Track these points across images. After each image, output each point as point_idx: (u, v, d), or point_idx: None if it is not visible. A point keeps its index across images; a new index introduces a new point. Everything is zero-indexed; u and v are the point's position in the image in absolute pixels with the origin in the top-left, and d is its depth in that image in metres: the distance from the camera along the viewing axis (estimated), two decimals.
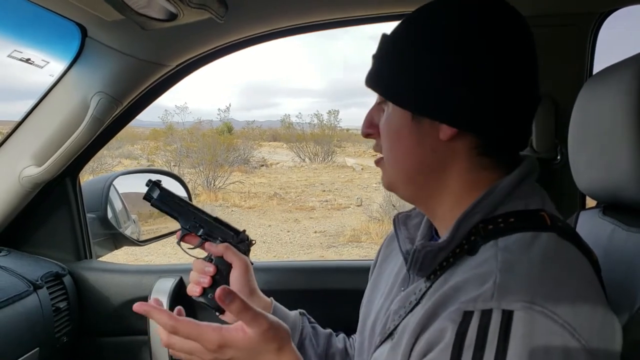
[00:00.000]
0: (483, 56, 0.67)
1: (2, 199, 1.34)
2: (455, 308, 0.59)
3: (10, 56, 1.18)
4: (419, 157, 0.72)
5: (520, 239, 0.64)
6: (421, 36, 0.70)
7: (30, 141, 1.31)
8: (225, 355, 0.73)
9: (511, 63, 0.68)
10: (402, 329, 0.69)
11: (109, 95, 1.25)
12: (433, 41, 0.69)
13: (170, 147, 15.75)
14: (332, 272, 1.50)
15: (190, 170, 12.37)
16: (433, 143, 0.70)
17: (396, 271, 0.86)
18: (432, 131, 0.70)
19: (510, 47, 0.68)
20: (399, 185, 0.77)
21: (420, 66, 0.69)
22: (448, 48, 0.68)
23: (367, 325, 0.86)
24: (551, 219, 0.67)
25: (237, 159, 14.64)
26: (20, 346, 1.18)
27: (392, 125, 0.74)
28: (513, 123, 0.70)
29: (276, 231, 8.82)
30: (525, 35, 0.70)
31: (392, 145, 0.75)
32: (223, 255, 0.98)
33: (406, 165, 0.74)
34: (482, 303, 0.57)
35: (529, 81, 0.70)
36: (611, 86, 0.78)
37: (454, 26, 0.68)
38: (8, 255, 1.38)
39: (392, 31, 0.75)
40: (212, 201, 10.86)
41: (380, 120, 0.76)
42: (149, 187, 1.05)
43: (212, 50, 1.32)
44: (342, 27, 1.34)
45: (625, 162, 0.74)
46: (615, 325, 0.61)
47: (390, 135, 0.75)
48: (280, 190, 12.36)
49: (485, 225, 0.67)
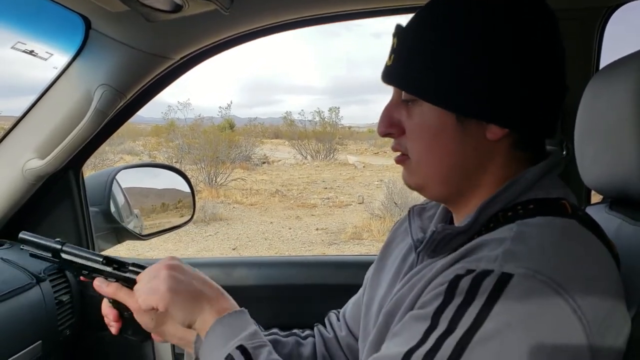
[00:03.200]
0: (528, 51, 0.66)
1: (5, 191, 1.33)
2: (461, 265, 0.61)
3: (14, 48, 1.18)
4: (460, 157, 0.70)
5: (539, 220, 0.64)
6: (459, 32, 0.66)
7: (34, 134, 1.30)
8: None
9: (549, 55, 0.68)
10: (410, 285, 0.71)
11: (113, 87, 1.24)
12: (472, 37, 0.66)
13: (172, 143, 15.76)
14: (332, 267, 1.50)
15: (192, 167, 12.37)
16: (476, 143, 0.69)
17: (401, 257, 0.86)
18: (478, 131, 0.68)
19: (547, 38, 0.68)
20: (431, 185, 0.74)
21: (462, 65, 0.66)
22: (494, 45, 0.65)
23: (373, 309, 0.85)
24: (572, 208, 0.67)
25: (239, 156, 14.64)
26: (23, 339, 1.18)
27: (429, 125, 0.70)
28: (551, 116, 0.71)
29: (278, 228, 8.82)
30: (556, 25, 0.70)
31: (429, 145, 0.71)
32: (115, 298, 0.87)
33: (443, 166, 0.71)
34: (485, 263, 0.59)
35: (562, 72, 0.71)
36: (618, 81, 0.77)
37: (495, 20, 0.66)
38: (11, 248, 1.38)
39: (417, 23, 0.71)
40: (213, 198, 10.86)
41: (406, 119, 0.72)
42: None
43: (216, 42, 1.31)
44: (348, 20, 1.33)
45: (632, 157, 0.73)
46: (623, 321, 0.61)
47: (426, 135, 0.71)
48: (282, 188, 12.36)
49: (504, 213, 0.67)
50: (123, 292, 0.85)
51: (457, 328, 0.56)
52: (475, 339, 0.55)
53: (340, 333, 1.00)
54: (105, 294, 0.87)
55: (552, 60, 0.68)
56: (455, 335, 0.56)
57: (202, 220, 8.92)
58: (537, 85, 0.67)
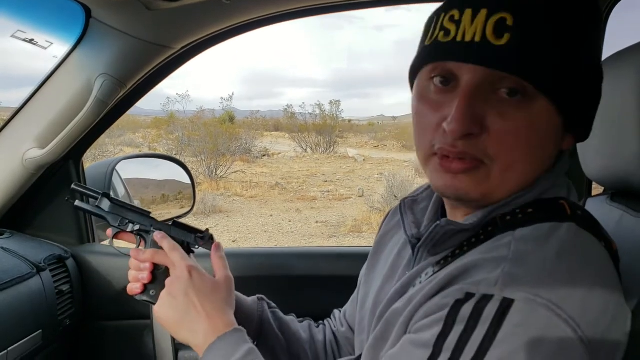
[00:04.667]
0: (601, 47, 0.68)
1: (6, 181, 1.33)
2: (459, 287, 0.59)
3: (14, 36, 1.17)
4: (543, 168, 0.66)
5: (537, 230, 0.62)
6: (592, 28, 0.62)
7: (34, 123, 1.30)
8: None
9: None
10: (405, 302, 0.68)
11: (113, 77, 1.24)
12: (596, 36, 0.64)
13: (172, 135, 15.75)
14: (332, 259, 1.50)
15: (192, 159, 12.36)
16: (556, 151, 0.67)
17: (396, 252, 0.85)
18: (562, 141, 0.67)
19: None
20: (497, 194, 0.65)
21: (589, 64, 0.63)
22: (598, 39, 0.65)
23: (367, 304, 0.85)
24: (571, 208, 0.65)
25: (239, 149, 14.62)
26: (23, 328, 1.18)
27: (539, 127, 0.61)
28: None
29: (278, 221, 8.82)
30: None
31: (531, 150, 0.63)
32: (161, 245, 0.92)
33: (529, 175, 0.65)
34: (485, 287, 0.57)
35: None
36: (620, 72, 0.77)
37: (598, 14, 0.65)
38: (11, 237, 1.38)
39: (550, 4, 0.60)
40: (213, 190, 10.85)
41: (496, 116, 0.61)
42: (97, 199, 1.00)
43: (217, 32, 1.31)
44: (349, 10, 1.32)
45: (634, 149, 0.73)
46: (626, 321, 0.60)
47: (533, 138, 0.62)
48: (282, 180, 12.35)
49: (503, 216, 0.65)
50: (178, 250, 0.90)
51: (462, 357, 0.55)
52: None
53: (340, 328, 1.02)
54: (162, 245, 0.91)
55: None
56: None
57: (202, 212, 8.92)
58: (599, 87, 0.67)
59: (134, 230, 0.97)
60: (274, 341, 0.98)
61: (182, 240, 0.95)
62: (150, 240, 0.94)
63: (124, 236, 0.99)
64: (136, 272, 0.93)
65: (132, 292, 0.93)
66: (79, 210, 1.03)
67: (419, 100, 0.68)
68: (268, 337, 0.98)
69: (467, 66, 0.61)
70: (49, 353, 1.31)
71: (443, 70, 0.64)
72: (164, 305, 0.87)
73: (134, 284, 0.93)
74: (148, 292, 0.92)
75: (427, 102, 0.66)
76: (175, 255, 0.89)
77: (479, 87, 0.61)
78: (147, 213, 0.98)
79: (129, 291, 0.94)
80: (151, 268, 0.92)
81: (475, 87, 0.61)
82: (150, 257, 0.92)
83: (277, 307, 1.05)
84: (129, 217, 0.98)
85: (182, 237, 0.95)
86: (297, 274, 1.46)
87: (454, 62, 0.62)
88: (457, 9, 0.61)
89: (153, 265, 0.92)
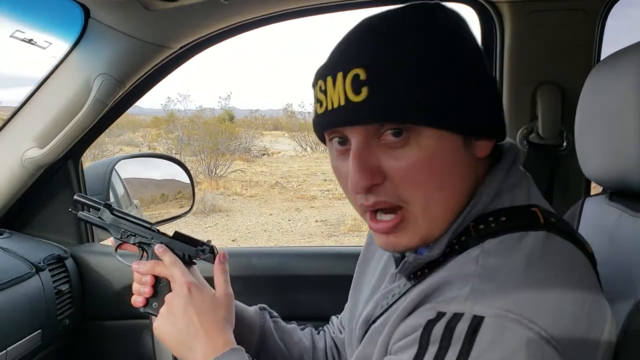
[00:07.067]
0: (473, 55, 0.65)
1: (5, 180, 1.33)
2: (431, 306, 0.60)
3: (13, 36, 1.17)
4: (466, 186, 0.65)
5: (506, 241, 0.61)
6: (444, 47, 0.62)
7: (33, 123, 1.30)
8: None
9: (483, 55, 0.68)
10: (383, 320, 0.69)
11: (112, 77, 1.24)
12: (456, 50, 0.63)
13: (171, 134, 15.73)
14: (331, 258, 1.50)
15: (192, 158, 12.36)
16: (471, 163, 0.65)
17: (383, 264, 0.85)
18: (474, 151, 0.65)
19: (476, 41, 0.68)
20: (435, 231, 0.65)
21: (461, 81, 0.62)
22: (466, 55, 0.64)
23: (356, 315, 0.85)
24: (544, 215, 0.65)
25: (239, 148, 14.61)
26: (22, 327, 1.18)
27: (436, 156, 0.61)
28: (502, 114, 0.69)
29: (277, 220, 8.83)
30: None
31: (439, 180, 0.62)
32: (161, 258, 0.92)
33: (451, 201, 0.64)
34: (455, 305, 0.57)
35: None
36: (620, 72, 0.77)
37: (455, 33, 0.65)
38: (10, 237, 1.38)
39: (389, 48, 0.61)
40: (213, 189, 10.86)
41: (392, 160, 0.61)
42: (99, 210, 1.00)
43: (215, 32, 1.31)
44: (349, 10, 1.32)
45: (633, 148, 0.73)
46: (605, 319, 0.60)
47: (436, 168, 0.61)
48: (281, 179, 12.35)
49: (476, 225, 0.65)
50: (178, 265, 0.90)
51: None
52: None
53: (339, 335, 1.03)
54: (163, 258, 0.91)
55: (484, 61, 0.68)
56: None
57: (201, 211, 8.92)
58: (493, 90, 0.67)
59: (135, 242, 0.97)
60: (276, 351, 0.98)
61: (184, 253, 0.94)
62: (152, 253, 0.94)
63: (128, 247, 0.99)
64: (138, 285, 0.93)
65: (135, 305, 0.94)
66: (81, 221, 1.04)
67: (331, 162, 0.70)
68: (270, 347, 0.98)
69: (346, 128, 0.63)
70: (48, 353, 1.31)
71: (335, 133, 0.66)
72: (163, 322, 0.87)
73: (136, 297, 0.94)
74: (151, 305, 0.93)
75: (336, 164, 0.69)
76: (175, 270, 0.89)
77: (365, 141, 0.62)
78: (148, 225, 0.98)
79: (132, 303, 0.95)
80: (152, 281, 0.92)
81: (362, 143, 0.62)
82: (150, 269, 0.92)
83: (278, 307, 1.05)
84: (130, 229, 0.98)
85: (183, 250, 0.94)
86: (296, 273, 1.46)
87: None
88: (322, 79, 0.64)
89: (155, 278, 0.92)
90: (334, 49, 0.66)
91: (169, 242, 0.95)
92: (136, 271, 0.93)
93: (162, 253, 0.92)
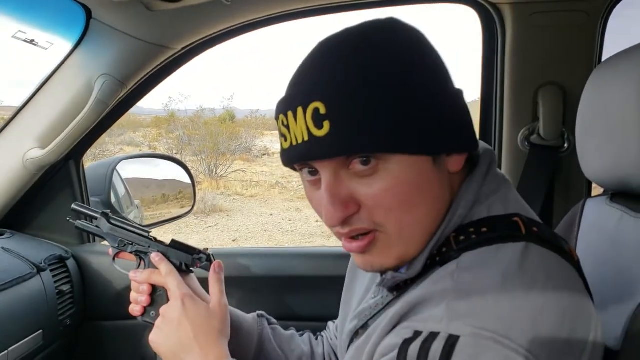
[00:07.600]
0: (433, 72, 0.63)
1: (6, 181, 1.33)
2: (407, 325, 0.59)
3: (15, 37, 1.17)
4: (438, 202, 0.64)
5: (483, 254, 0.60)
6: (396, 68, 0.60)
7: (35, 123, 1.30)
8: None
9: (444, 69, 0.66)
10: (366, 337, 0.69)
11: (114, 77, 1.24)
12: (409, 70, 0.61)
13: (172, 134, 15.72)
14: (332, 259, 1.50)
15: (192, 158, 12.36)
16: (444, 179, 0.65)
17: (370, 275, 0.84)
18: (446, 167, 0.65)
19: (437, 54, 0.66)
20: (412, 249, 0.65)
21: (422, 102, 0.60)
22: (415, 75, 0.61)
23: (345, 326, 0.84)
24: (526, 225, 0.63)
25: (239, 148, 14.60)
26: (23, 328, 1.18)
27: (407, 179, 0.60)
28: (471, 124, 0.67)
29: (278, 220, 8.83)
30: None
31: (411, 202, 0.61)
32: (158, 267, 0.94)
33: (425, 220, 0.63)
34: (431, 324, 0.56)
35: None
36: (621, 72, 0.77)
37: (414, 52, 0.62)
38: (12, 237, 1.38)
39: (343, 80, 0.59)
40: (213, 189, 10.86)
41: (364, 188, 0.61)
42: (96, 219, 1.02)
43: (218, 33, 1.31)
44: (352, 11, 1.32)
45: (634, 149, 0.73)
46: (590, 322, 0.58)
47: (407, 191, 0.61)
48: (282, 179, 12.35)
49: (457, 236, 0.64)
50: (174, 275, 0.91)
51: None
52: None
53: (336, 341, 1.02)
54: (159, 267, 0.92)
55: (446, 71, 0.66)
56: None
57: (202, 211, 8.92)
58: (452, 101, 0.64)
59: (132, 251, 0.98)
60: (274, 358, 0.98)
61: (180, 261, 0.95)
62: (149, 261, 0.95)
63: (125, 256, 1.00)
64: (136, 294, 0.94)
65: (133, 314, 0.94)
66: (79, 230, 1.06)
67: (305, 189, 0.70)
68: (268, 354, 0.98)
69: (314, 161, 0.62)
70: (49, 353, 1.31)
71: (304, 165, 0.65)
72: (157, 333, 0.87)
73: (134, 305, 0.94)
74: (149, 314, 0.94)
75: (309, 194, 0.68)
76: (170, 281, 0.90)
77: (335, 173, 0.61)
78: (145, 233, 0.98)
79: (130, 312, 0.95)
80: (149, 290, 0.93)
81: (332, 176, 0.61)
82: (146, 278, 0.93)
83: (278, 308, 1.05)
84: (127, 238, 0.99)
85: (180, 258, 0.95)
86: (296, 274, 1.46)
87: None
88: (283, 114, 0.63)
89: (152, 287, 0.93)
90: (292, 80, 0.65)
91: (165, 251, 0.95)
92: (133, 280, 0.94)
93: (159, 262, 0.93)
